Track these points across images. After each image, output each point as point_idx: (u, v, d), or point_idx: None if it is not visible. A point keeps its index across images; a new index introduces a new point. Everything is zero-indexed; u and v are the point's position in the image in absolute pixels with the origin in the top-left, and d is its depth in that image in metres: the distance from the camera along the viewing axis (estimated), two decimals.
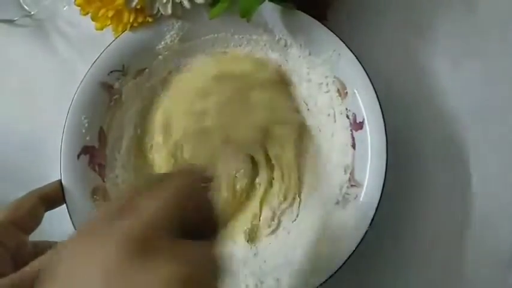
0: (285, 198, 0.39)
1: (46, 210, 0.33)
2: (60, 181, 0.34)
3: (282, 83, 0.39)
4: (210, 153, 0.38)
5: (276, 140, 0.39)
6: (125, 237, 0.19)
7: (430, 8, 0.43)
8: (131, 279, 0.18)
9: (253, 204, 0.39)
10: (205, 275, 0.20)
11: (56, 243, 0.32)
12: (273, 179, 0.39)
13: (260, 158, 0.39)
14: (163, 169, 0.39)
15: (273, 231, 0.39)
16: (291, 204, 0.39)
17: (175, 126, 0.38)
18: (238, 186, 0.39)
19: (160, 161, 0.39)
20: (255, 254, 0.37)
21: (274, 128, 0.38)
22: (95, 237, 0.20)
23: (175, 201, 0.21)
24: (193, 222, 0.22)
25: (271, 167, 0.39)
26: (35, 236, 0.32)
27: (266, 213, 0.39)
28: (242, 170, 0.39)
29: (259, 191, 0.39)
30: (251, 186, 0.39)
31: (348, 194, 0.35)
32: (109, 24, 0.36)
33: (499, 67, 0.42)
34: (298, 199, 0.39)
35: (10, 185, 0.40)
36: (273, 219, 0.39)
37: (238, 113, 0.38)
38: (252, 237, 0.39)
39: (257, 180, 0.40)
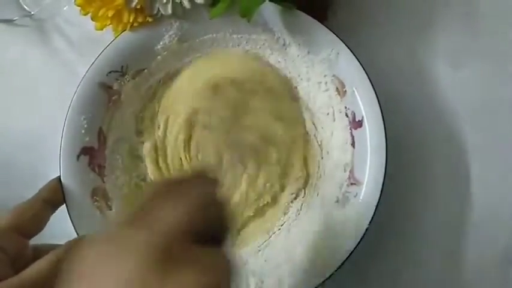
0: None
1: (52, 213, 0.33)
2: (59, 180, 0.34)
3: (285, 91, 0.40)
4: (214, 153, 0.39)
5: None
6: (147, 246, 0.19)
7: (431, 7, 0.43)
8: None
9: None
10: (224, 282, 0.20)
11: (56, 246, 0.31)
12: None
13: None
14: (153, 170, 0.39)
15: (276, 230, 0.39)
16: (297, 196, 0.39)
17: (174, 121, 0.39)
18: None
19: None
20: (255, 253, 0.37)
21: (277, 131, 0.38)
22: (117, 246, 0.20)
23: (196, 209, 0.22)
24: (207, 229, 0.22)
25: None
26: (34, 238, 0.32)
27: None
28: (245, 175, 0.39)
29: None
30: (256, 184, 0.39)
31: (347, 192, 0.35)
32: (109, 24, 0.36)
33: (499, 67, 0.42)
34: (303, 194, 0.39)
35: (10, 185, 0.41)
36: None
37: (239, 116, 0.38)
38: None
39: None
